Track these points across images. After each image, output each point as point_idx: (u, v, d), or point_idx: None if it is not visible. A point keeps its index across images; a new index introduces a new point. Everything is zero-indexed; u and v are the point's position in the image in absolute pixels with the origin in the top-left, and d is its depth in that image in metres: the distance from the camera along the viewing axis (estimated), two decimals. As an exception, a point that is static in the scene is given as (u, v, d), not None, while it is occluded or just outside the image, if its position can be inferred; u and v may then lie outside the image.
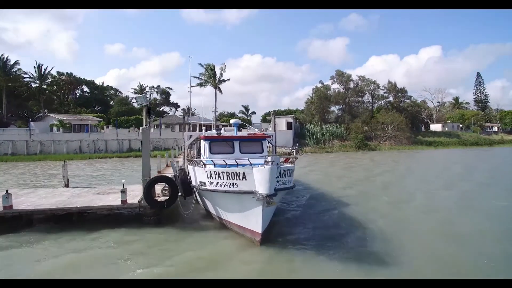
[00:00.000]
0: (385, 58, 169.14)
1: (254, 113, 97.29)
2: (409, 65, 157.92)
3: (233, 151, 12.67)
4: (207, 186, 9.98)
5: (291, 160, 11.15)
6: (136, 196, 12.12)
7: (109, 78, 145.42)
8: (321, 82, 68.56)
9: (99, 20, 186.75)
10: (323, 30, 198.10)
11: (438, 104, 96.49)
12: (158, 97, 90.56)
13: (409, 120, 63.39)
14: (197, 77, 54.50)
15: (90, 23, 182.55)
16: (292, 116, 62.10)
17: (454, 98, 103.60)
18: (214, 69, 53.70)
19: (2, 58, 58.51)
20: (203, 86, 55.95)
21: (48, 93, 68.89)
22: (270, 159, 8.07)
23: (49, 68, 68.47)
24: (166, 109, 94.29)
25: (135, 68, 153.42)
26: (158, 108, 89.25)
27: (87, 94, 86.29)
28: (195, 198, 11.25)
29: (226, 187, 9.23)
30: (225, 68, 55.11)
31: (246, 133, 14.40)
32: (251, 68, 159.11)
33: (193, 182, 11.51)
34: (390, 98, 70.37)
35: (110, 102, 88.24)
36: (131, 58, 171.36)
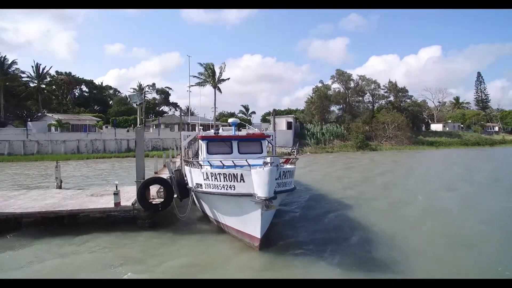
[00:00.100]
0: (385, 58, 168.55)
1: (254, 113, 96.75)
2: (409, 65, 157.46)
3: (231, 152, 12.26)
4: (204, 188, 9.53)
5: (292, 161, 10.70)
6: (130, 198, 11.67)
7: (109, 78, 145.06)
8: (321, 82, 68.10)
9: (99, 20, 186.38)
10: (323, 30, 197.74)
11: (439, 104, 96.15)
12: (156, 96, 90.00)
13: (410, 120, 62.84)
14: (196, 76, 54.07)
15: (90, 23, 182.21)
16: (292, 116, 61.59)
17: (454, 98, 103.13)
18: (213, 68, 53.24)
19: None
20: (202, 85, 55.56)
21: (46, 92, 68.41)
22: (269, 160, 7.61)
23: (48, 68, 68.03)
24: (166, 109, 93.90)
25: (135, 68, 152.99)
26: (157, 108, 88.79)
27: (86, 94, 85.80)
28: (191, 200, 10.78)
29: (223, 190, 8.78)
30: (224, 67, 54.71)
31: (245, 133, 13.97)
32: (251, 68, 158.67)
33: (189, 184, 11.06)
34: (391, 98, 69.83)
35: (110, 102, 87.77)
36: (131, 58, 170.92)
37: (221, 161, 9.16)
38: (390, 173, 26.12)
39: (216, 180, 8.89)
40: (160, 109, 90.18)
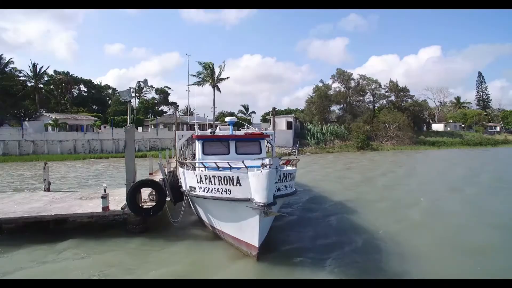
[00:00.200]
0: (385, 58, 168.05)
1: (253, 112, 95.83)
2: (408, 65, 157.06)
3: (228, 152, 11.57)
4: (197, 192, 8.84)
5: (292, 162, 10.00)
6: (121, 201, 10.98)
7: (109, 78, 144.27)
8: (321, 81, 67.49)
9: (99, 20, 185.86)
10: (323, 30, 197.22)
11: (440, 103, 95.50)
12: (156, 96, 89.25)
13: (411, 119, 62.19)
14: (195, 75, 53.38)
15: (90, 23, 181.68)
16: (292, 115, 60.91)
17: (455, 98, 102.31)
18: (212, 67, 52.55)
19: (-5, 57, 57.43)
20: (202, 84, 54.89)
21: (44, 92, 67.68)
22: (267, 162, 6.93)
23: (45, 67, 67.08)
24: (165, 108, 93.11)
25: (135, 68, 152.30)
26: (156, 107, 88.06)
27: (85, 93, 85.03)
28: (185, 204, 10.09)
29: (218, 194, 8.09)
30: (224, 66, 54.04)
31: (243, 132, 13.27)
32: (251, 68, 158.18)
33: (183, 187, 10.37)
34: (392, 98, 69.24)
35: (108, 102, 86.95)
36: (131, 58, 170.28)
37: (215, 162, 8.46)
38: (392, 173, 25.53)
39: (210, 183, 8.20)
40: (159, 108, 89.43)
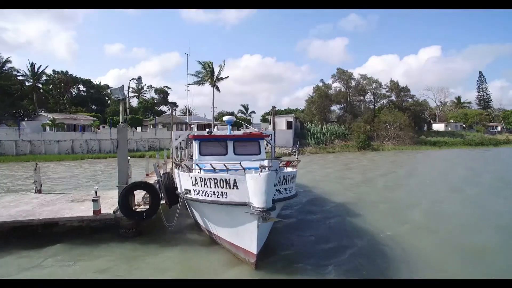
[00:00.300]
0: (384, 58, 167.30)
1: (253, 112, 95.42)
2: (408, 65, 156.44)
3: (226, 152, 11.10)
4: (192, 195, 8.37)
5: (293, 163, 9.52)
6: (114, 204, 10.48)
7: (109, 78, 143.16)
8: (322, 81, 66.98)
9: (99, 20, 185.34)
10: (323, 30, 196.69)
11: (440, 103, 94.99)
12: (155, 95, 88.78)
13: (412, 119, 61.66)
14: (194, 74, 52.83)
15: (90, 23, 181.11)
16: (292, 115, 60.42)
17: (456, 98, 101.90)
18: (212, 66, 52.03)
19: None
20: (201, 84, 54.36)
21: (42, 92, 67.18)
22: (266, 163, 6.45)
23: (46, 67, 66.56)
24: (164, 108, 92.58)
25: (135, 68, 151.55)
26: (156, 107, 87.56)
27: (83, 93, 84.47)
28: (180, 208, 9.59)
29: (213, 197, 7.62)
30: (224, 65, 53.48)
31: (242, 132, 12.79)
32: (251, 68, 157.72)
33: (178, 189, 9.90)
34: (393, 97, 68.65)
35: (107, 101, 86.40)
36: (131, 58, 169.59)
37: (211, 164, 7.97)
38: (393, 173, 25.10)
39: (205, 186, 7.72)
40: (158, 108, 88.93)
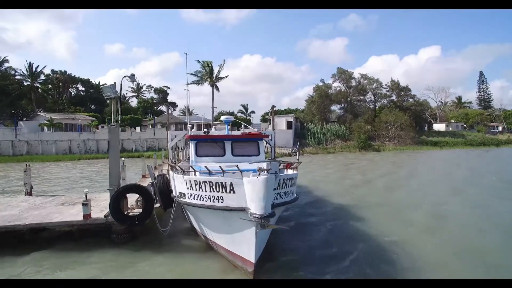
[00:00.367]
0: (384, 58, 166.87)
1: (253, 112, 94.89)
2: (408, 65, 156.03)
3: (223, 153, 10.64)
4: (187, 199, 7.89)
5: (294, 165, 9.03)
6: (106, 207, 9.96)
7: (109, 78, 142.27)
8: (322, 81, 66.45)
9: (99, 20, 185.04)
10: (322, 30, 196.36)
11: (441, 103, 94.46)
12: (154, 95, 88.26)
13: (413, 119, 61.15)
14: (193, 74, 52.41)
15: (90, 23, 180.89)
16: (292, 115, 59.92)
17: (456, 97, 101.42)
18: (211, 65, 51.58)
19: (-10, 55, 56.50)
20: (200, 83, 53.95)
21: (41, 91, 66.71)
22: (265, 166, 5.98)
23: (44, 67, 66.13)
24: (164, 108, 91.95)
25: (135, 68, 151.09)
26: (155, 107, 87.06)
27: (82, 93, 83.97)
28: (174, 212, 9.12)
29: (209, 201, 7.14)
30: (223, 65, 53.07)
31: (241, 132, 12.31)
32: (251, 68, 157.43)
33: (173, 192, 9.42)
34: (393, 97, 68.11)
35: (107, 101, 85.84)
36: (131, 58, 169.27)
37: (206, 166, 7.49)
38: (394, 174, 24.71)
39: (200, 189, 7.25)
40: (158, 108, 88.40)
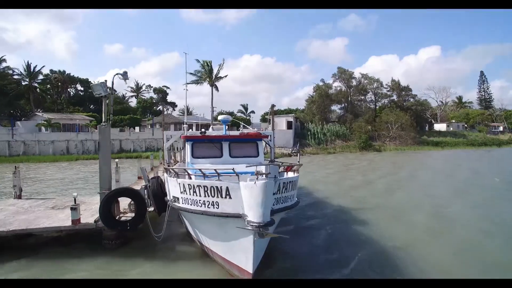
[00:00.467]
0: (384, 58, 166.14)
1: (253, 112, 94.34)
2: (408, 65, 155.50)
3: (221, 155, 10.14)
4: (180, 204, 7.41)
5: (294, 168, 8.54)
6: (97, 211, 9.49)
7: (109, 78, 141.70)
8: (322, 80, 66.00)
9: (99, 20, 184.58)
10: (322, 30, 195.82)
11: (442, 103, 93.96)
12: (154, 95, 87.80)
13: (413, 119, 60.68)
14: (192, 73, 51.94)
15: (90, 24, 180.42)
16: (292, 115, 59.46)
17: (457, 97, 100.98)
18: (210, 65, 51.11)
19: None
20: (199, 83, 53.49)
21: (39, 91, 66.20)
22: (264, 170, 5.50)
23: (42, 67, 65.55)
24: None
25: (135, 68, 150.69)
26: (154, 107, 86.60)
27: (81, 93, 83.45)
28: (168, 217, 8.63)
29: (203, 207, 6.66)
30: (223, 64, 52.60)
31: (239, 132, 11.82)
32: (251, 68, 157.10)
33: (168, 196, 8.93)
34: (394, 97, 67.62)
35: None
36: (131, 58, 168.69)
37: (200, 169, 7.01)
38: (395, 175, 24.25)
39: (194, 194, 6.77)
40: (157, 108, 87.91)
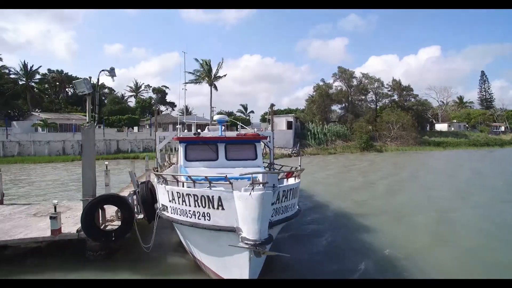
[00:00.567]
0: (384, 58, 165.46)
1: (252, 112, 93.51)
2: (408, 65, 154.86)
3: (216, 157, 9.36)
4: (169, 213, 6.69)
5: (296, 173, 7.80)
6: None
7: (108, 78, 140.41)
8: (322, 80, 65.31)
9: (99, 20, 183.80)
10: (322, 30, 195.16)
11: (443, 103, 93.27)
12: (153, 95, 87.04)
13: (415, 119, 59.99)
14: (191, 72, 51.22)
15: (90, 24, 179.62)
16: (292, 115, 58.72)
17: (458, 97, 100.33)
18: (209, 64, 50.39)
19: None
20: (198, 83, 52.77)
21: (36, 91, 65.44)
22: (261, 178, 4.78)
23: (39, 67, 64.93)
24: (162, 108, 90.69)
25: (135, 68, 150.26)
26: (153, 107, 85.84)
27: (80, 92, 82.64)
28: (157, 225, 7.90)
29: (193, 218, 5.94)
30: (221, 63, 51.89)
31: (236, 133, 11.06)
32: (251, 68, 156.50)
33: (158, 203, 8.20)
34: (395, 97, 66.94)
35: (104, 101, 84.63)
36: (131, 58, 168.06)
37: (189, 176, 6.28)
38: (396, 176, 23.69)
39: (184, 203, 6.04)
40: (156, 108, 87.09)
